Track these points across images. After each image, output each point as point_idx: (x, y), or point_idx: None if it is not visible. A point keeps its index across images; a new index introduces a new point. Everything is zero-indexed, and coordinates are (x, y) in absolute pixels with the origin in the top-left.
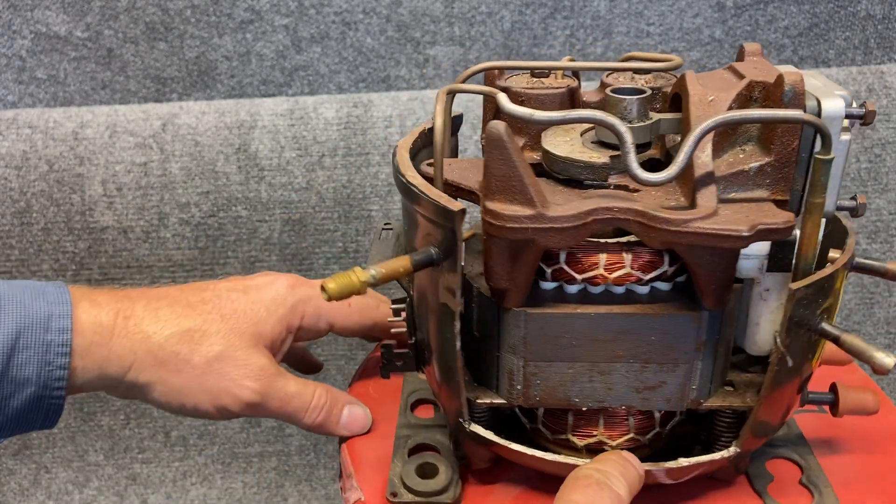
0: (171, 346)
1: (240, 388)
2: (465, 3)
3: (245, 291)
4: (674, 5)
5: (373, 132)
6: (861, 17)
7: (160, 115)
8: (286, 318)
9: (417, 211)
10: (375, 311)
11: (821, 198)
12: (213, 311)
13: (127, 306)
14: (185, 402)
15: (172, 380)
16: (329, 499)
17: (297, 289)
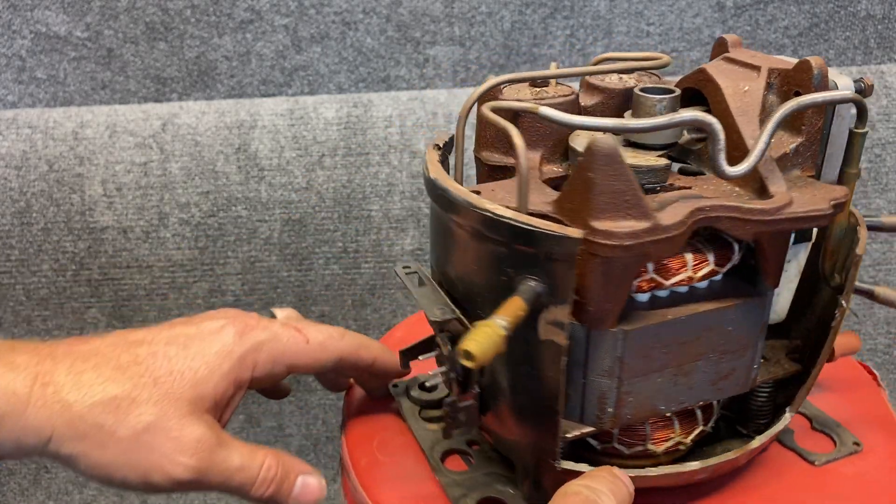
0: (94, 416)
1: (172, 464)
2: (465, 3)
3: (186, 345)
4: (674, 5)
5: (373, 132)
6: (861, 17)
7: (160, 115)
8: (233, 372)
9: (496, 241)
10: (339, 343)
11: (856, 168)
12: (146, 374)
13: (48, 369)
14: (113, 477)
15: (95, 454)
16: (329, 499)
17: (247, 336)
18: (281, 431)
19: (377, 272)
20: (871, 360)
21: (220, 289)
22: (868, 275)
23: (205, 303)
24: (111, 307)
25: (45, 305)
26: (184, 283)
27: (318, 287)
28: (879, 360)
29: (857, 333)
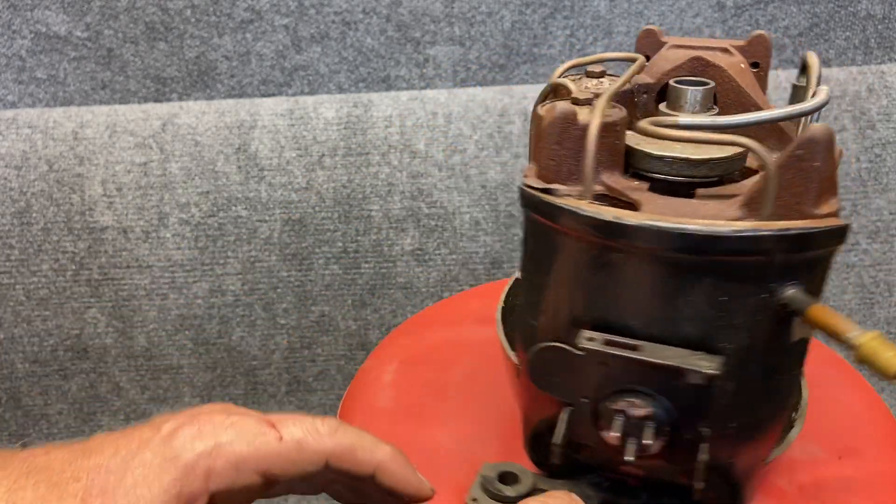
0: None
1: None
2: (465, 3)
3: (133, 455)
4: (674, 5)
5: (373, 132)
6: (861, 17)
7: (160, 115)
8: (176, 485)
9: (758, 258)
10: (324, 442)
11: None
12: (78, 493)
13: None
14: None
15: None
16: (329, 499)
17: (201, 440)
18: None
19: (377, 272)
20: None
21: (220, 289)
22: (868, 275)
23: (205, 303)
24: (111, 307)
25: (45, 305)
26: (184, 283)
27: (318, 287)
28: None
29: None
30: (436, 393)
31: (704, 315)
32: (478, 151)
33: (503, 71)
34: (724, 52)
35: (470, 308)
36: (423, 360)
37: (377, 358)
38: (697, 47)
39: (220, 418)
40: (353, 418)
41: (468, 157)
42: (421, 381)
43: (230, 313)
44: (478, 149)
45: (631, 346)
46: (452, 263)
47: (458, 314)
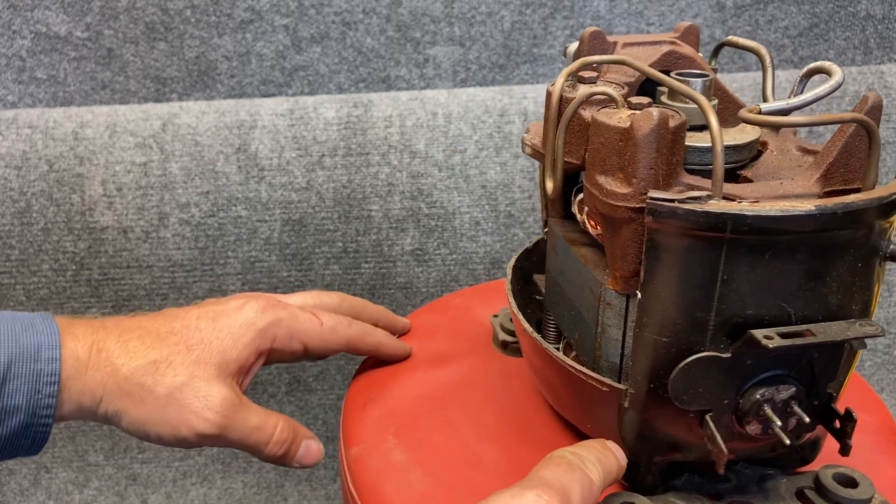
0: (137, 377)
1: (199, 419)
2: (465, 3)
3: (214, 319)
4: (674, 5)
5: (373, 132)
6: (861, 17)
7: (160, 115)
8: (255, 342)
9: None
10: (348, 330)
11: None
12: (181, 342)
13: (101, 338)
14: (150, 432)
15: (135, 410)
16: (329, 499)
17: (268, 311)
18: None
19: (377, 272)
20: (872, 359)
21: (220, 289)
22: None
23: None
24: (111, 307)
25: (45, 305)
26: (184, 283)
27: (318, 287)
28: (879, 360)
29: None
30: (434, 393)
31: (845, 284)
32: (478, 151)
33: (503, 71)
34: (673, 44)
35: (471, 305)
36: (423, 360)
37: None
38: (656, 42)
39: (274, 301)
40: (353, 417)
41: (468, 157)
42: (419, 382)
43: None
44: (478, 149)
45: (801, 332)
46: (452, 263)
47: (458, 312)
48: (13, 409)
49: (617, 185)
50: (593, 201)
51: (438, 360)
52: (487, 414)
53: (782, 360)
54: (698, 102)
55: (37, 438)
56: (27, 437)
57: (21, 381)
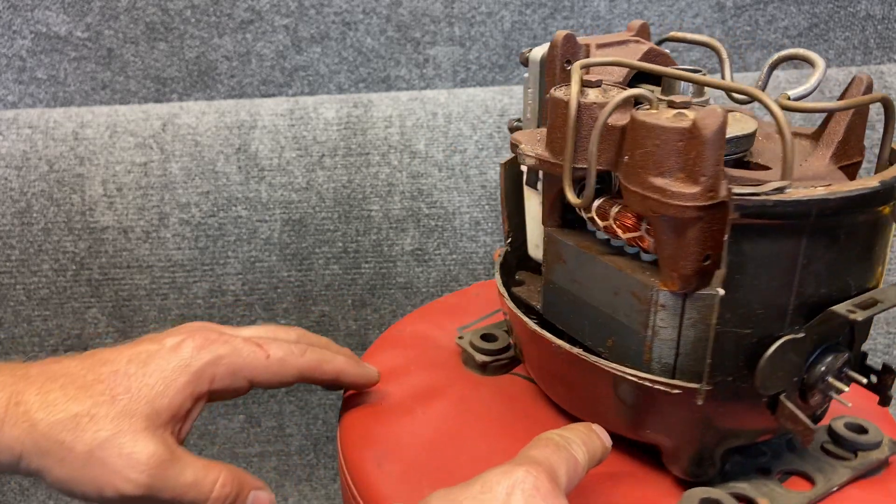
0: (55, 434)
1: (123, 480)
2: (465, 3)
3: (145, 363)
4: (674, 5)
5: (373, 132)
6: (861, 17)
7: (160, 115)
8: (189, 386)
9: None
10: (300, 360)
11: None
12: (106, 392)
13: (21, 389)
14: (74, 490)
15: (56, 469)
16: (329, 499)
17: (205, 350)
18: (281, 431)
19: (377, 272)
20: (871, 360)
21: (220, 289)
22: None
23: (205, 303)
24: (111, 307)
25: (45, 305)
26: (184, 283)
27: (318, 287)
28: (879, 360)
29: None
30: (445, 432)
31: (883, 253)
32: (478, 151)
33: (503, 71)
34: (639, 42)
35: (424, 331)
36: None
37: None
38: (623, 42)
39: (214, 335)
40: (354, 417)
41: (468, 157)
42: (421, 424)
43: (230, 313)
44: (478, 149)
45: (872, 302)
46: (452, 263)
47: (417, 340)
48: None
49: (681, 185)
50: (649, 204)
51: (425, 396)
52: (509, 440)
53: (835, 330)
54: (762, 100)
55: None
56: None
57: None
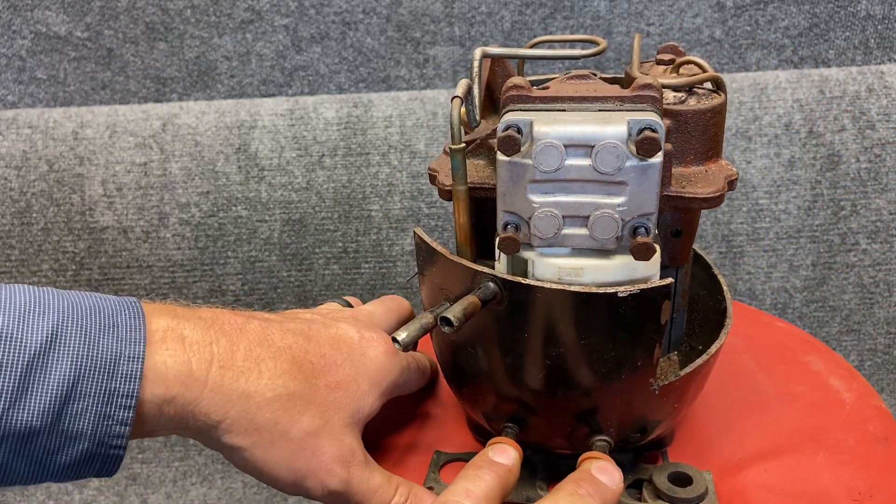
0: (272, 412)
1: (328, 473)
2: (465, 3)
3: (350, 356)
4: (674, 5)
5: (373, 132)
6: (861, 17)
7: (160, 115)
8: (386, 393)
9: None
10: (427, 364)
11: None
12: (319, 377)
13: (225, 351)
14: (264, 474)
15: (261, 450)
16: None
17: (396, 359)
18: None
19: (377, 272)
20: (872, 359)
21: (220, 289)
22: (868, 275)
23: (204, 303)
24: None
25: None
26: (184, 283)
27: (318, 287)
28: (879, 360)
29: (858, 333)
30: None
31: None
32: None
33: None
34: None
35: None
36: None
37: None
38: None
39: (386, 337)
40: None
41: None
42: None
43: None
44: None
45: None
46: None
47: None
48: (76, 436)
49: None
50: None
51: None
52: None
53: None
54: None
55: (105, 466)
56: (92, 465)
57: (89, 402)
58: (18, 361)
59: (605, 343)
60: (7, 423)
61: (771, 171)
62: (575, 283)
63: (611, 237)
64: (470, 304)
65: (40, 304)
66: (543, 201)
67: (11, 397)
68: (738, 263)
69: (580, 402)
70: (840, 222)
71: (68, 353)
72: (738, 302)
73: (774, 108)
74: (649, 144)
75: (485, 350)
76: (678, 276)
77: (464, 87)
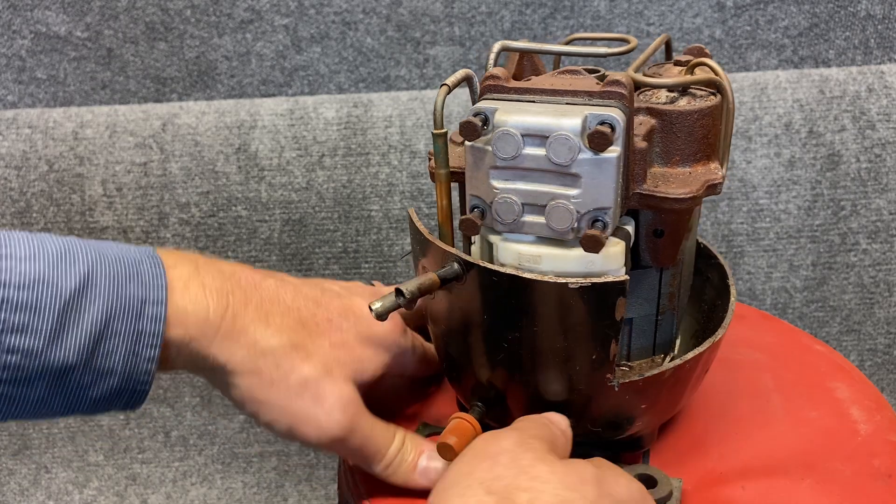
0: (276, 357)
1: (327, 417)
2: (465, 3)
3: (356, 325)
4: (674, 5)
5: (373, 132)
6: (861, 17)
7: (160, 115)
8: (387, 366)
9: None
10: (431, 350)
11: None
12: (324, 335)
13: (239, 301)
14: (272, 419)
15: (259, 390)
16: (329, 499)
17: (403, 338)
18: None
19: (377, 272)
20: (872, 359)
21: None
22: (868, 275)
23: None
24: None
25: None
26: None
27: None
28: (879, 360)
29: (858, 333)
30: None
31: None
32: None
33: None
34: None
35: None
36: None
37: None
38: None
39: (400, 320)
40: None
41: None
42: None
43: None
44: None
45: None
46: None
47: None
48: (107, 372)
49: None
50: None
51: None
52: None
53: None
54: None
55: (132, 399)
56: (121, 399)
57: (119, 341)
58: (56, 303)
59: (557, 333)
60: (45, 360)
61: (771, 171)
62: (534, 270)
63: (566, 228)
64: (427, 279)
65: (71, 251)
66: (503, 187)
67: (50, 336)
68: (738, 263)
69: (538, 388)
70: (840, 222)
71: (100, 295)
72: (780, 321)
73: (774, 108)
74: (599, 138)
75: (454, 330)
76: (662, 277)
77: (458, 76)
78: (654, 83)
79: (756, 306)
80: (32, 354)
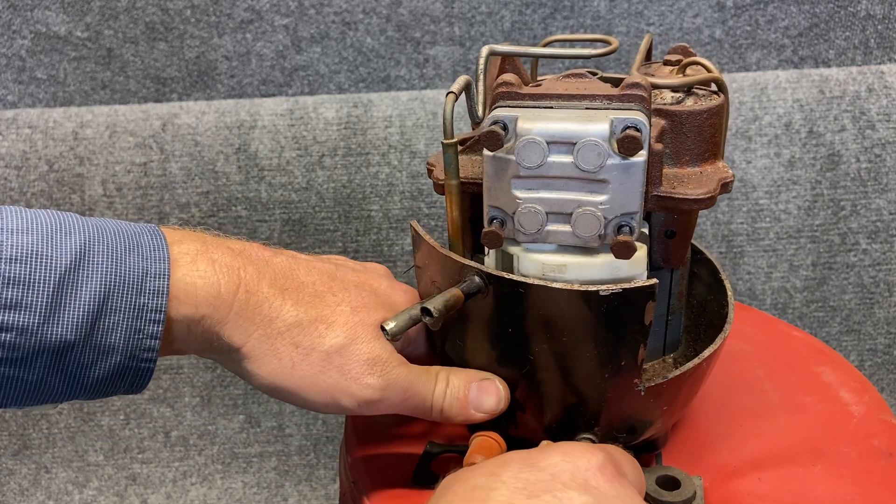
0: (292, 336)
1: (359, 385)
2: (465, 3)
3: (376, 295)
4: (674, 5)
5: (373, 132)
6: (861, 17)
7: (160, 115)
8: (407, 339)
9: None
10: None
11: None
12: (344, 303)
13: (251, 277)
14: (292, 402)
15: (283, 378)
16: (329, 499)
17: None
18: (281, 431)
19: None
20: (872, 359)
21: None
22: (868, 275)
23: None
24: None
25: None
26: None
27: None
28: (879, 360)
29: (858, 333)
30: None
31: None
32: None
33: None
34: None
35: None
36: None
37: None
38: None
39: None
40: (359, 418)
41: None
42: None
43: None
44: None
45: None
46: None
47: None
48: (109, 349)
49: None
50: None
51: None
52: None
53: None
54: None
55: (136, 380)
56: (124, 379)
57: (120, 316)
58: (50, 277)
59: (587, 341)
60: (42, 338)
61: (771, 171)
62: (559, 279)
63: (593, 235)
64: (452, 296)
65: (66, 224)
66: (527, 197)
67: (46, 312)
68: (738, 263)
69: (563, 399)
70: (840, 222)
71: (97, 269)
72: (755, 310)
73: (774, 108)
74: (630, 143)
75: (472, 343)
76: (673, 277)
77: (461, 83)
78: (662, 84)
79: (756, 306)
80: (28, 332)
